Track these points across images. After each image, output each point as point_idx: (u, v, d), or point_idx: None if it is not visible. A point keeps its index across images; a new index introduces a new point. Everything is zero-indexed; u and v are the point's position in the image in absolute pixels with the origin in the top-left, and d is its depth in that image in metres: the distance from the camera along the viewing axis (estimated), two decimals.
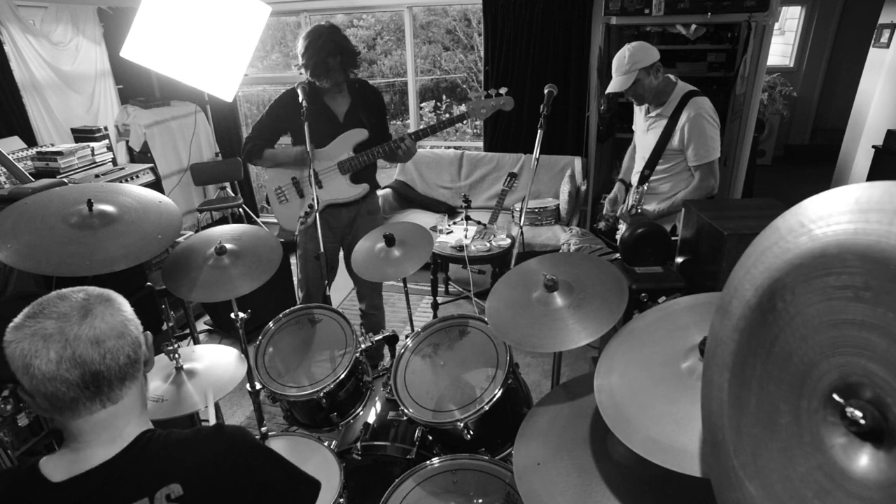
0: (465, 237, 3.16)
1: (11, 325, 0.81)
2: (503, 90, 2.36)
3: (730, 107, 3.70)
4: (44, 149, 3.42)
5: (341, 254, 2.69)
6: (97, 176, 3.49)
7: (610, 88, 2.34)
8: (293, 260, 2.74)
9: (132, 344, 0.88)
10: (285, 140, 2.55)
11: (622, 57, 2.28)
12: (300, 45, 2.30)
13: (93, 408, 0.85)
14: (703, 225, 1.84)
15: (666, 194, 2.43)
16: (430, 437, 1.75)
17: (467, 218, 3.29)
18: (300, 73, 2.38)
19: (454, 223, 3.45)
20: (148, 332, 0.94)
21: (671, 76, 2.37)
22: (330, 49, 2.28)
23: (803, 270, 0.53)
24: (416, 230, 2.13)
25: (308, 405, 1.81)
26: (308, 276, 2.61)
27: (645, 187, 2.43)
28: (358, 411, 1.90)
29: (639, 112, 2.55)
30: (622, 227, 2.69)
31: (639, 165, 2.52)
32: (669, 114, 2.32)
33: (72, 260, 1.50)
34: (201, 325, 3.57)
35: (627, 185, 2.69)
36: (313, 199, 2.20)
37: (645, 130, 2.47)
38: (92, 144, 3.61)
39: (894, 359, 0.45)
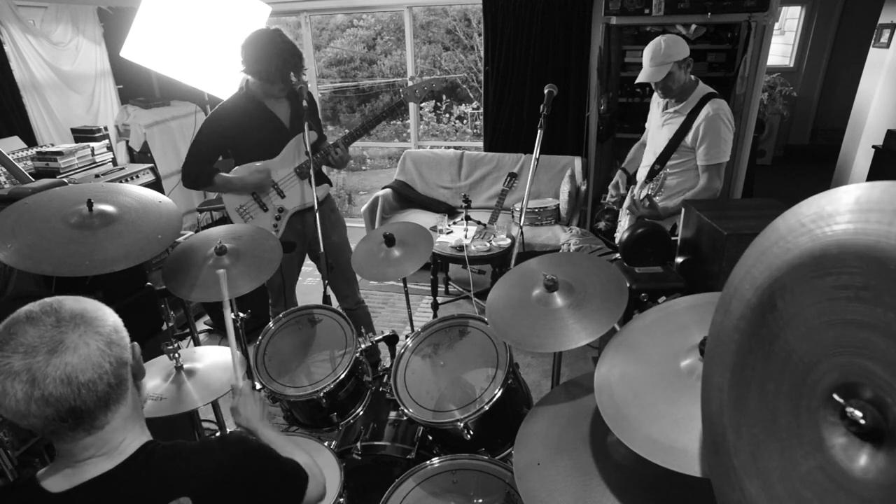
0: (465, 237, 3.16)
1: None
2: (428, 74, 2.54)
3: (730, 107, 3.70)
4: (44, 149, 3.42)
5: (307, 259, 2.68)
6: (97, 176, 3.49)
7: (642, 78, 2.32)
8: None
9: (113, 369, 0.82)
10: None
11: (658, 48, 2.25)
12: (250, 51, 2.19)
13: (77, 436, 0.81)
14: (703, 225, 1.84)
15: (672, 189, 2.43)
16: (430, 437, 1.75)
17: (467, 218, 3.29)
18: (248, 79, 2.27)
19: (454, 223, 3.45)
20: (135, 343, 0.90)
21: (693, 76, 2.37)
22: (290, 52, 2.23)
23: (803, 270, 0.53)
24: (416, 230, 2.13)
25: (308, 405, 1.81)
26: (290, 274, 2.57)
27: (665, 172, 2.36)
28: (358, 411, 1.90)
29: (655, 108, 2.54)
30: (622, 225, 2.69)
31: (648, 160, 2.51)
32: (688, 112, 2.32)
33: (72, 260, 1.50)
34: (201, 325, 3.58)
35: (629, 175, 2.68)
36: (313, 198, 2.19)
37: (660, 126, 2.46)
38: (92, 144, 3.60)
39: (894, 359, 0.45)
